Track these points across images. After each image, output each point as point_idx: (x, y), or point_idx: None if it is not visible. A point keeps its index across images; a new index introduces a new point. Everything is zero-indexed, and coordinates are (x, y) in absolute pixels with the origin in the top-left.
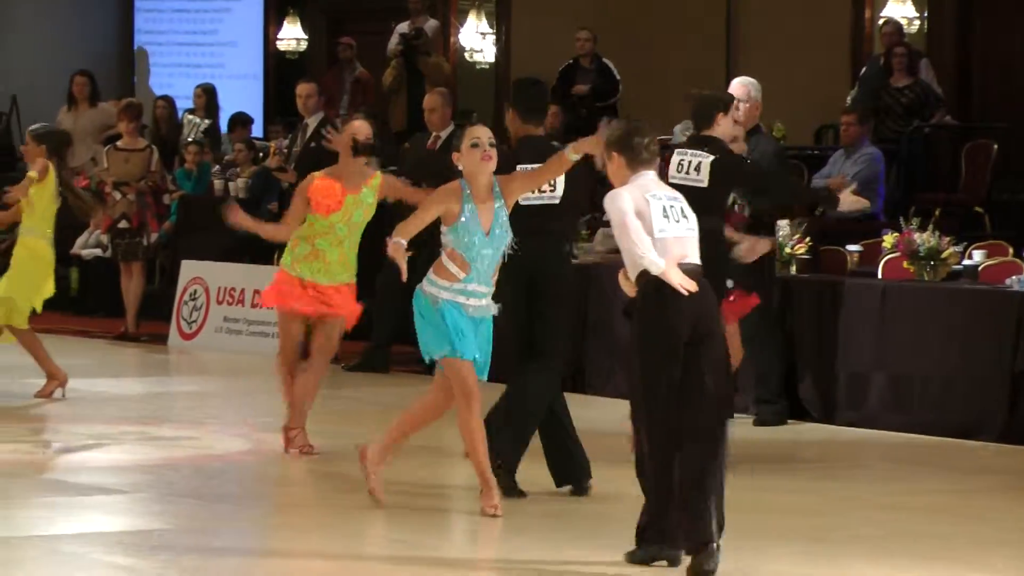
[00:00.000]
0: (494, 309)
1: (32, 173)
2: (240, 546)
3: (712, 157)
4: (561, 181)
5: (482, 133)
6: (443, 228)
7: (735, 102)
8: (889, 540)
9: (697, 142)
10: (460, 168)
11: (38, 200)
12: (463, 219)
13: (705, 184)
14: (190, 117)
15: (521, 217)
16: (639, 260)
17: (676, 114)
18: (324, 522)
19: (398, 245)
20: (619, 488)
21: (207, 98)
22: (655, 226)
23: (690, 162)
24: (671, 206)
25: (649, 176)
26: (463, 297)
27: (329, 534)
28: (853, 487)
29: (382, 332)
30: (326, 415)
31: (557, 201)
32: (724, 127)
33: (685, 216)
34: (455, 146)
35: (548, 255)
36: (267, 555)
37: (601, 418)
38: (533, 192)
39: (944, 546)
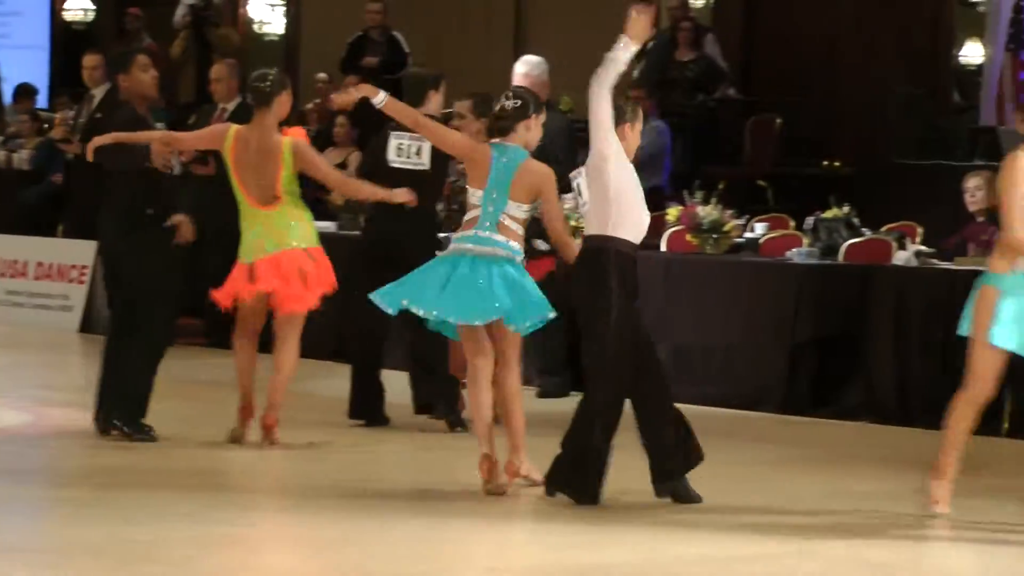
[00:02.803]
0: None
1: None
2: (16, 523)
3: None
4: (428, 149)
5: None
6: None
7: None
8: (674, 511)
9: None
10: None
11: None
12: None
13: (428, 167)
14: None
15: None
16: None
17: (466, 89)
18: (104, 497)
19: None
20: None
21: None
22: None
23: (410, 145)
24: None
25: None
26: None
27: (109, 509)
28: (633, 459)
29: None
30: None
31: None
32: (435, 104)
33: (580, 193)
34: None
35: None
36: (44, 532)
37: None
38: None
39: (725, 520)
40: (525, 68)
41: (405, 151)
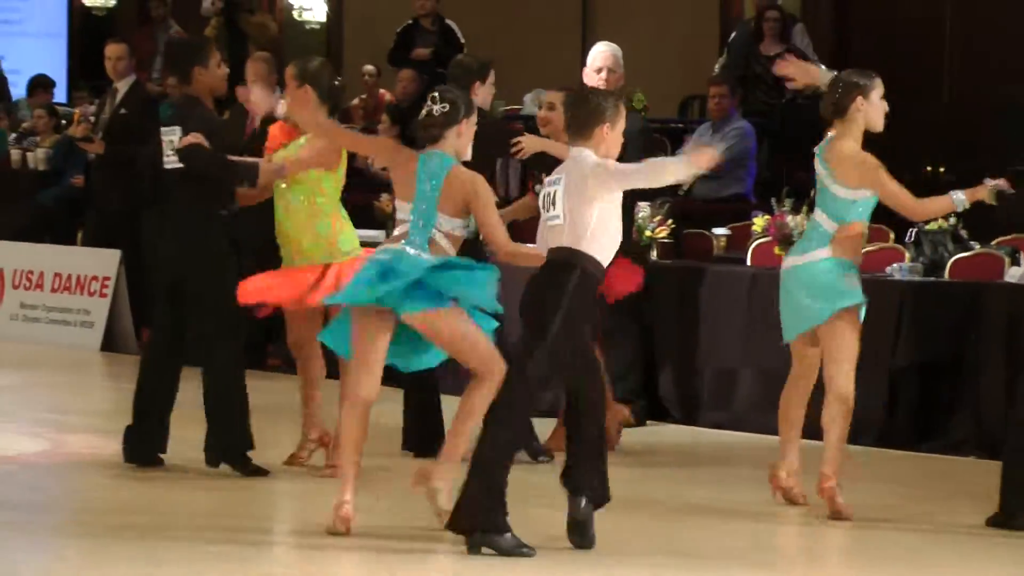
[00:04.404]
0: None
1: None
2: (32, 561)
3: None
4: None
5: None
6: None
7: (606, 71)
8: (756, 552)
9: None
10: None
11: None
12: None
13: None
14: None
15: None
16: None
17: (527, 82)
18: (128, 534)
19: None
20: None
21: None
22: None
23: None
24: (547, 192)
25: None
26: None
27: (134, 547)
28: (718, 494)
29: None
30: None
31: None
32: (483, 96)
33: (554, 204)
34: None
35: None
36: (63, 572)
37: None
38: None
39: (811, 560)
40: (611, 50)
41: None
